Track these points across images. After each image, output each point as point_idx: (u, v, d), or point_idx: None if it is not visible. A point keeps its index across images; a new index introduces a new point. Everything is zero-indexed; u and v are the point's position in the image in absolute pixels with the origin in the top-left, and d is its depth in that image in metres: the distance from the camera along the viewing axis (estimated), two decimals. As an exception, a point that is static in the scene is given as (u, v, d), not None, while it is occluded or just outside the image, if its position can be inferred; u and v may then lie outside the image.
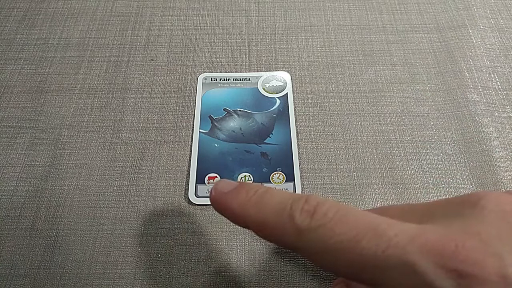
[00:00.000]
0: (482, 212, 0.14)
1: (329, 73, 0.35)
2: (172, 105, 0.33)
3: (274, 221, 0.16)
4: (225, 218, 0.28)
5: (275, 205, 0.16)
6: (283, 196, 0.16)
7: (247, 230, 0.28)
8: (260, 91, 0.34)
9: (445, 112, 0.33)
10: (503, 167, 0.30)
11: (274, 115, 0.32)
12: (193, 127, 0.32)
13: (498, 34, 0.37)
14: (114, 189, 0.29)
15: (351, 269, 0.14)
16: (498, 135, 0.31)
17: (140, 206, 0.29)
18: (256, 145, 0.31)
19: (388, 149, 0.31)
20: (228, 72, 0.35)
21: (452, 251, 0.13)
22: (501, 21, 0.38)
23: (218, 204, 0.18)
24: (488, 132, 0.32)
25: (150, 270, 0.26)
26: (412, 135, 0.32)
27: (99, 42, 0.37)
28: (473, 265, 0.13)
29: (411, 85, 0.34)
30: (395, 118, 0.32)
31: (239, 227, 0.28)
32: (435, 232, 0.14)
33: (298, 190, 0.29)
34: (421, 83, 0.34)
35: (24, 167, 0.30)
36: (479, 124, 0.32)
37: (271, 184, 0.29)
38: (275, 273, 0.26)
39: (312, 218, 0.15)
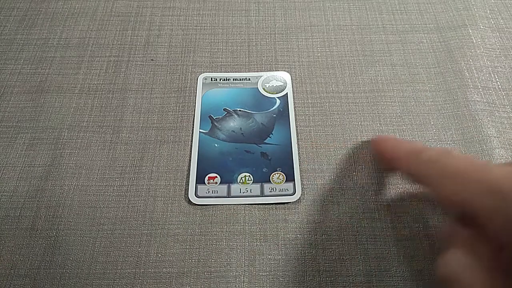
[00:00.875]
0: None
1: (329, 73, 0.35)
2: (172, 105, 0.33)
3: (405, 157, 0.24)
4: (225, 218, 0.28)
5: (408, 149, 0.24)
6: (415, 144, 0.25)
7: (247, 230, 0.28)
8: (260, 91, 0.34)
9: (445, 112, 0.33)
10: (503, 167, 0.30)
11: (274, 115, 0.32)
12: (193, 127, 0.32)
13: (498, 34, 0.37)
14: (114, 189, 0.29)
15: (454, 190, 0.19)
16: (498, 135, 0.31)
17: (140, 206, 0.29)
18: (256, 145, 0.31)
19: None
20: (228, 72, 0.35)
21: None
22: (501, 21, 0.38)
23: (379, 142, 0.27)
24: (488, 132, 0.32)
25: (150, 270, 0.26)
26: (412, 135, 0.32)
27: (99, 42, 0.37)
28: None
29: (411, 85, 0.34)
30: (395, 118, 0.32)
31: (239, 227, 0.28)
32: None
33: (298, 190, 0.29)
34: (421, 83, 0.34)
35: (24, 167, 0.30)
36: (479, 124, 0.32)
37: (271, 184, 0.29)
38: (275, 273, 0.26)
39: (436, 152, 0.21)
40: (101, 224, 0.28)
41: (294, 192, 0.29)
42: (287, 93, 0.33)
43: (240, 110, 0.33)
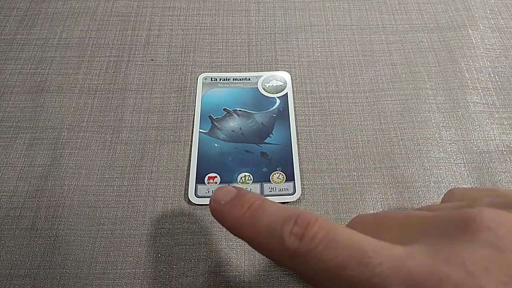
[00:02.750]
0: (473, 236, 0.13)
1: (329, 73, 0.35)
2: (172, 105, 0.33)
3: (267, 242, 0.16)
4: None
5: (267, 224, 0.16)
6: (274, 215, 0.16)
7: (247, 230, 0.28)
8: (260, 91, 0.34)
9: (445, 112, 0.33)
10: (501, 168, 0.30)
11: (274, 115, 0.32)
12: (193, 127, 0.32)
13: (498, 34, 0.37)
14: (114, 189, 0.29)
15: None
16: (497, 136, 0.31)
17: (140, 206, 0.29)
18: (256, 145, 0.31)
19: (388, 147, 0.31)
20: (228, 72, 0.35)
21: (435, 285, 0.12)
22: (501, 21, 0.38)
23: (216, 215, 0.18)
24: (488, 133, 0.32)
25: (150, 270, 0.26)
26: (413, 133, 0.32)
27: (99, 42, 0.37)
28: None
29: (412, 83, 0.34)
30: (396, 116, 0.32)
31: (239, 227, 0.28)
32: (420, 261, 0.13)
33: (298, 190, 0.29)
34: (421, 80, 0.34)
35: (24, 167, 0.30)
36: (478, 124, 0.32)
37: (271, 184, 0.29)
38: (275, 273, 0.26)
39: (301, 242, 0.15)
40: (101, 224, 0.28)
41: (294, 192, 0.29)
42: (287, 93, 0.33)
43: (240, 110, 0.33)
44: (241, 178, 0.29)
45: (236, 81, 0.34)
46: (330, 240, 0.14)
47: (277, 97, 0.33)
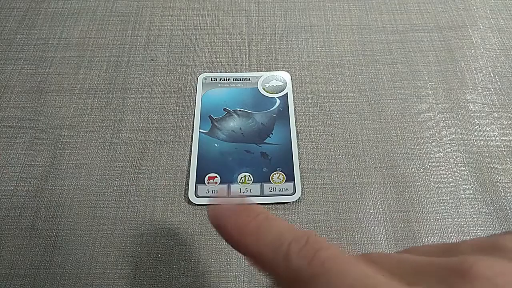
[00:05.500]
0: (472, 285, 0.13)
1: (329, 73, 0.35)
2: (172, 105, 0.33)
3: (270, 258, 0.14)
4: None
5: (274, 238, 0.14)
6: (283, 229, 0.15)
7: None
8: (260, 91, 0.34)
9: (445, 112, 0.33)
10: (501, 168, 0.30)
11: (274, 115, 0.32)
12: (193, 127, 0.32)
13: (498, 34, 0.37)
14: (114, 189, 0.29)
15: None
16: (497, 136, 0.31)
17: (140, 206, 0.29)
18: (256, 145, 0.31)
19: (389, 147, 0.31)
20: (228, 72, 0.35)
21: None
22: (501, 21, 0.38)
23: (215, 219, 0.16)
24: (488, 133, 0.32)
25: (150, 270, 0.26)
26: (413, 132, 0.32)
27: (99, 42, 0.37)
28: None
29: (412, 82, 0.34)
30: (396, 116, 0.32)
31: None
32: None
33: (298, 190, 0.29)
34: (422, 80, 0.34)
35: (24, 167, 0.30)
36: (478, 124, 0.32)
37: (271, 184, 0.29)
38: (275, 273, 0.26)
39: (310, 264, 0.13)
40: (101, 224, 0.28)
41: (294, 192, 0.29)
42: (287, 93, 0.33)
43: (240, 110, 0.33)
44: (241, 178, 0.29)
45: (236, 81, 0.34)
46: (340, 269, 0.13)
47: (277, 97, 0.33)
